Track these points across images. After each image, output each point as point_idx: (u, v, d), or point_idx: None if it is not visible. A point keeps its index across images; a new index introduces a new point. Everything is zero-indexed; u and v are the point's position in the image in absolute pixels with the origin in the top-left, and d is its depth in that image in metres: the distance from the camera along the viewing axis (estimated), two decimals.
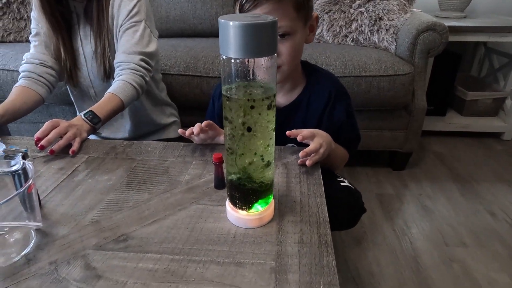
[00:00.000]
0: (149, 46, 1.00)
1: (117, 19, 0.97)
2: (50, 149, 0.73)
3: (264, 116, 0.46)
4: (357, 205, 0.83)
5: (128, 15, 0.96)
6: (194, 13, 1.83)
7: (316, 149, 0.65)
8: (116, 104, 0.91)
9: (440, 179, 1.61)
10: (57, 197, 0.61)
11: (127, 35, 0.97)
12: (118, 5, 0.96)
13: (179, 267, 0.46)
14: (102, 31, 0.96)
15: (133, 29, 0.97)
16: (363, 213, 0.82)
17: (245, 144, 0.47)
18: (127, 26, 0.97)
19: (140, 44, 0.98)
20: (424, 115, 1.52)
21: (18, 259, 0.48)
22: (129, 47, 0.97)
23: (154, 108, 1.15)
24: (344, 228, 0.92)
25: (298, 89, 0.80)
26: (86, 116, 0.83)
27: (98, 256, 0.48)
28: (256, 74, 0.43)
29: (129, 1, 0.96)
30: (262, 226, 0.54)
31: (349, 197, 0.81)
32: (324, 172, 0.67)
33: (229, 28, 0.40)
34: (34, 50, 1.00)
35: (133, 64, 0.96)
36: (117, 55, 0.98)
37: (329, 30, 1.69)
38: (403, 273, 1.12)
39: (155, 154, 0.75)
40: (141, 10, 0.98)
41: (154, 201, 0.60)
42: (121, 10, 0.96)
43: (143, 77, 0.98)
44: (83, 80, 1.05)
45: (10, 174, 0.52)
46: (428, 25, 1.41)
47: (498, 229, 1.30)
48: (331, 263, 0.46)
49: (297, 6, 0.64)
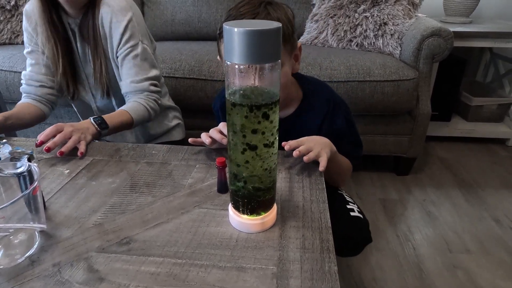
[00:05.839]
0: (152, 69, 1.00)
1: (111, 41, 0.95)
2: (60, 151, 0.73)
3: (268, 121, 0.46)
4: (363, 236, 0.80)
5: (122, 40, 0.93)
6: (200, 16, 1.84)
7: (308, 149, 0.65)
8: (126, 119, 0.92)
9: (444, 185, 1.60)
10: (61, 199, 0.61)
11: (128, 62, 0.95)
12: (109, 26, 0.93)
13: (181, 271, 0.47)
14: (98, 49, 0.94)
15: (132, 55, 0.95)
16: (369, 243, 0.81)
17: (248, 149, 0.47)
18: (125, 53, 0.94)
19: (144, 69, 0.97)
20: (429, 120, 1.52)
21: (22, 260, 0.48)
22: (134, 75, 0.96)
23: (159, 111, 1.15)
24: (346, 256, 0.92)
25: (295, 102, 0.82)
26: (95, 120, 0.85)
27: (101, 258, 0.49)
28: (260, 80, 0.44)
29: (119, 22, 0.92)
30: (264, 231, 0.54)
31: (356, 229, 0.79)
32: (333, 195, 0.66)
33: (233, 35, 0.41)
34: (32, 70, 0.99)
35: (146, 92, 0.97)
36: (124, 84, 0.97)
37: (334, 34, 1.69)
38: (406, 280, 1.11)
39: (159, 157, 0.76)
40: (134, 32, 0.94)
41: (157, 204, 0.60)
42: (113, 32, 0.93)
43: (156, 100, 1.00)
44: (85, 94, 1.06)
45: (15, 176, 0.52)
46: (433, 31, 1.41)
47: (503, 236, 1.29)
48: (333, 269, 0.46)
49: (284, 39, 0.66)
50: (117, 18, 0.92)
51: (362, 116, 1.52)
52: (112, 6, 0.92)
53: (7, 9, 1.67)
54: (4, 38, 1.69)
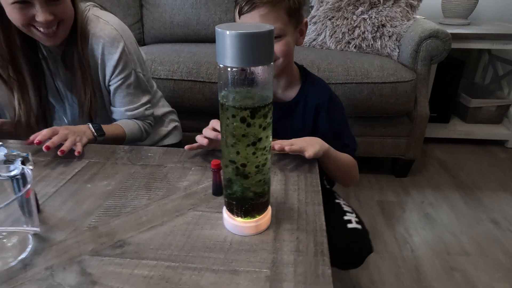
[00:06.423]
0: (145, 94, 0.99)
1: (103, 71, 0.91)
2: (61, 149, 0.73)
3: (261, 124, 0.46)
4: (363, 247, 0.78)
5: (115, 71, 0.91)
6: (198, 19, 1.85)
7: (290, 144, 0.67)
8: (120, 133, 0.92)
9: (442, 187, 1.60)
10: (56, 202, 0.61)
11: (122, 91, 0.94)
12: (101, 58, 0.89)
13: (174, 274, 0.46)
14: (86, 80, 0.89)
15: (126, 84, 0.93)
16: (369, 253, 0.78)
17: (242, 152, 0.47)
18: (118, 83, 0.92)
19: (138, 97, 0.96)
20: (427, 122, 1.52)
21: (14, 263, 0.48)
22: (128, 103, 0.95)
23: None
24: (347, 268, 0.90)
25: (295, 89, 0.85)
26: (93, 126, 0.85)
27: (94, 262, 0.48)
28: (252, 83, 0.44)
29: (111, 54, 0.89)
30: (259, 233, 0.53)
31: (354, 242, 0.77)
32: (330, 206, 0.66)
33: (225, 37, 0.41)
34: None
35: (141, 117, 0.98)
36: (117, 112, 0.95)
37: (332, 36, 1.69)
38: (404, 282, 1.10)
39: (155, 159, 0.76)
40: (127, 62, 0.91)
41: (152, 207, 0.60)
42: (106, 63, 0.90)
43: (150, 124, 1.01)
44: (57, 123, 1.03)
45: (9, 179, 0.52)
46: (430, 32, 1.41)
47: (501, 238, 1.29)
48: (327, 272, 0.46)
49: (289, 12, 0.72)
50: (108, 50, 0.89)
51: (360, 118, 1.52)
52: (102, 38, 0.88)
53: None
54: None
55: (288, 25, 0.73)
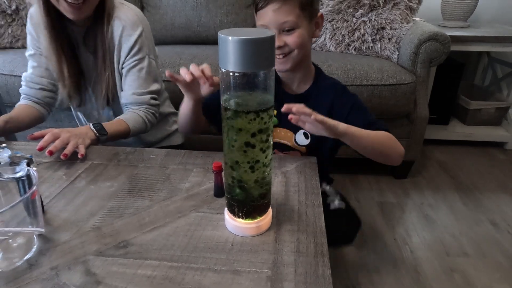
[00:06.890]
0: (155, 83, 1.01)
1: (119, 53, 0.95)
2: (64, 153, 0.74)
3: (262, 127, 0.47)
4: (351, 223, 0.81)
5: (131, 53, 0.94)
6: (199, 20, 1.85)
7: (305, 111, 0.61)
8: (124, 129, 0.93)
9: (442, 188, 1.61)
10: (60, 203, 0.62)
11: (133, 74, 0.96)
12: (119, 39, 0.93)
13: (177, 274, 0.47)
14: (106, 61, 0.94)
15: (138, 67, 0.96)
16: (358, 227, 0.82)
17: (243, 154, 0.48)
18: (131, 65, 0.95)
19: (147, 83, 0.98)
20: (426, 124, 1.53)
21: (20, 263, 0.49)
22: (137, 87, 0.97)
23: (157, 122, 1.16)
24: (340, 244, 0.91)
25: (308, 82, 0.86)
26: (94, 126, 0.86)
27: (99, 262, 0.49)
28: (254, 87, 0.45)
29: (129, 35, 0.93)
30: (260, 234, 0.54)
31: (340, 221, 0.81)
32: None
33: (228, 43, 0.42)
34: (32, 72, 0.99)
35: (146, 105, 0.99)
36: (125, 95, 0.98)
37: (332, 38, 1.70)
38: (404, 283, 1.11)
39: (157, 161, 0.77)
40: (143, 46, 0.95)
41: (155, 208, 0.61)
42: (122, 44, 0.94)
43: (154, 114, 1.02)
44: (87, 101, 1.06)
45: (14, 180, 0.53)
46: (430, 35, 1.42)
47: (500, 239, 1.30)
48: (327, 273, 0.47)
49: (302, 6, 0.74)
50: (127, 32, 0.93)
51: None
52: (124, 20, 0.93)
53: (8, 14, 1.68)
54: (5, 42, 1.70)
55: (301, 18, 0.75)
